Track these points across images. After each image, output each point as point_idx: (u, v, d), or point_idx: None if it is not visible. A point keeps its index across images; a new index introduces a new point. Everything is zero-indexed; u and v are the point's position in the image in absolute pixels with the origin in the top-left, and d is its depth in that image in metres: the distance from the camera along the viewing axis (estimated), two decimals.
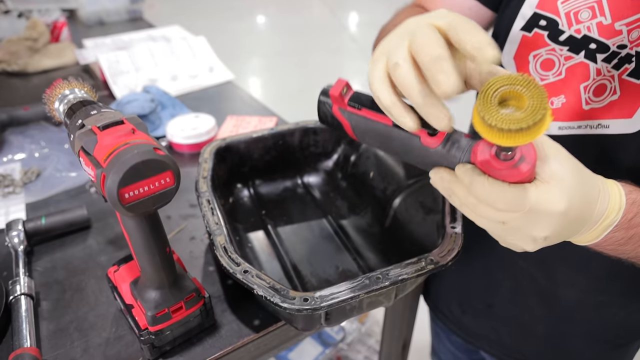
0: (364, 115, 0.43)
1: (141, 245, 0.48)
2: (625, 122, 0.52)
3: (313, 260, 0.71)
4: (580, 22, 0.53)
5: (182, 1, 6.86)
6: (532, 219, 0.35)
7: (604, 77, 0.52)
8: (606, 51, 0.51)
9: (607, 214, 0.40)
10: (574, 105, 0.55)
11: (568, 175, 0.36)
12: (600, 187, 0.40)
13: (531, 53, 0.58)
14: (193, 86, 1.29)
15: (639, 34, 0.49)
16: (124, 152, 0.40)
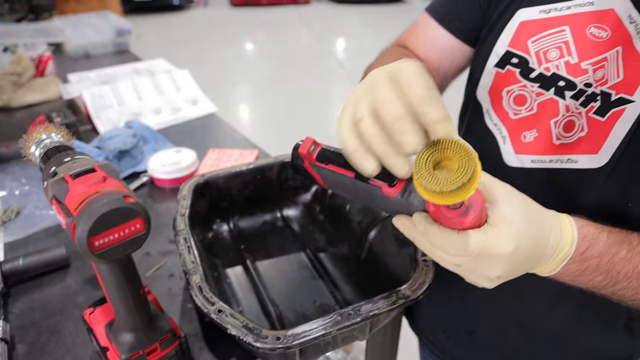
0: (332, 169, 0.46)
1: (114, 289, 0.49)
2: (592, 157, 0.54)
3: (291, 295, 0.71)
4: (549, 60, 0.56)
5: (169, 30, 6.97)
6: (483, 262, 0.37)
7: (573, 113, 0.55)
8: (574, 89, 0.54)
9: (560, 248, 0.42)
10: (546, 139, 0.58)
11: (517, 218, 0.38)
12: (552, 223, 0.42)
13: (505, 89, 0.61)
14: (176, 119, 1.31)
15: (603, 74, 0.52)
16: (94, 201, 0.41)
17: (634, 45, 0.49)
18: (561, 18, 0.55)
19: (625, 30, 0.50)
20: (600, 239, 0.45)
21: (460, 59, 0.71)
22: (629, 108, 0.50)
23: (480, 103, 0.66)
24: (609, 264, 0.45)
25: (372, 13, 8.44)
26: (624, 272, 0.45)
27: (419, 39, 0.73)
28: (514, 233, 0.37)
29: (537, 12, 0.57)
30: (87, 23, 2.06)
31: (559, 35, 0.55)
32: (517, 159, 0.61)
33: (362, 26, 7.54)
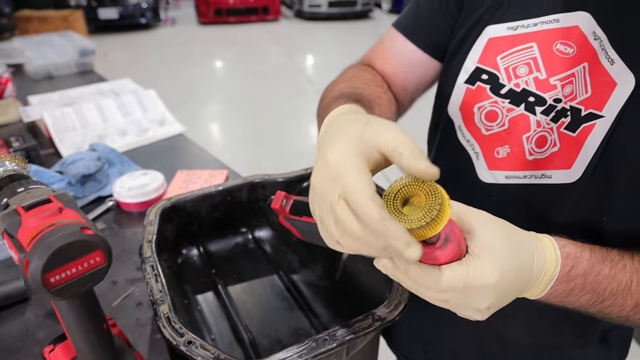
0: (306, 220, 0.45)
1: (74, 326, 0.46)
2: (566, 172, 0.54)
3: (265, 320, 0.69)
4: (519, 76, 0.57)
5: (137, 49, 6.89)
6: (470, 295, 0.37)
7: (544, 129, 0.55)
8: (544, 104, 0.55)
9: (545, 269, 0.42)
10: (519, 155, 0.58)
11: (497, 245, 0.37)
12: (534, 245, 0.42)
13: (476, 105, 0.61)
14: (143, 141, 1.28)
15: (571, 89, 0.53)
16: (49, 234, 0.39)
17: (600, 61, 0.50)
18: (528, 35, 0.56)
19: (591, 46, 0.51)
20: (583, 258, 0.45)
21: (428, 73, 0.71)
22: (599, 123, 0.50)
23: (452, 119, 0.65)
24: (594, 282, 0.45)
25: (340, 29, 8.56)
26: (609, 289, 0.46)
27: (385, 56, 0.72)
28: (496, 261, 0.37)
29: (505, 29, 0.58)
30: (49, 43, 2.00)
31: (527, 52, 0.56)
32: (491, 175, 0.61)
33: (330, 43, 7.63)
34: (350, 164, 0.36)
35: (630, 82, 0.48)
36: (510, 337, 0.70)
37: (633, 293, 0.46)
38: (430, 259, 0.37)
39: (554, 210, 0.57)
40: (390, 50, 0.72)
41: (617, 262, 0.46)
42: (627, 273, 0.46)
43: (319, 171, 0.39)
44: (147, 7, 8.03)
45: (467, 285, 0.36)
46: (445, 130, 0.68)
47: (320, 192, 0.39)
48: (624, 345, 0.72)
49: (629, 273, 0.46)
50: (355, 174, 0.35)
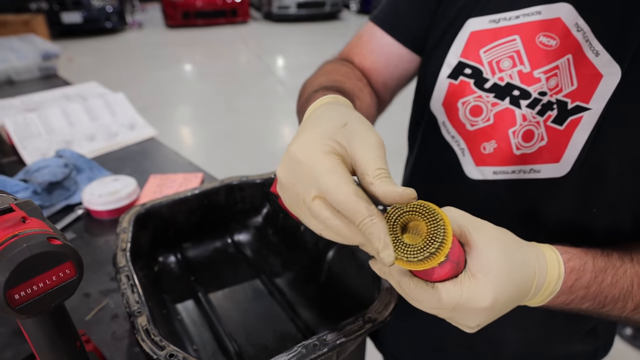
0: None
1: (44, 345, 0.42)
2: (554, 166, 0.53)
3: (249, 327, 0.66)
4: (503, 70, 0.55)
5: (103, 53, 6.71)
6: (460, 314, 0.36)
7: (530, 122, 0.54)
8: (528, 97, 0.54)
9: (546, 285, 0.41)
10: (506, 150, 0.57)
11: (496, 267, 0.36)
12: (536, 263, 0.40)
13: (460, 100, 0.59)
14: (113, 145, 1.23)
15: (556, 82, 0.52)
16: (11, 246, 0.35)
17: (584, 53, 0.49)
18: (511, 27, 0.55)
19: (574, 38, 0.50)
20: (586, 270, 0.44)
21: (409, 67, 0.69)
22: (586, 116, 0.49)
23: (435, 115, 0.64)
24: (596, 292, 0.45)
25: (309, 31, 8.56)
26: (611, 296, 0.45)
27: (363, 50, 0.70)
28: (492, 285, 0.35)
29: (487, 22, 0.56)
30: (9, 47, 1.91)
31: (510, 45, 0.54)
32: (478, 171, 0.60)
33: (299, 44, 7.62)
34: (324, 161, 0.35)
35: (617, 73, 0.47)
36: (499, 333, 0.69)
37: (634, 296, 0.45)
38: (425, 275, 0.35)
39: (545, 204, 0.56)
40: (368, 45, 0.70)
41: (619, 268, 0.46)
42: (627, 278, 0.46)
43: (286, 167, 0.37)
44: (112, 11, 7.85)
45: (458, 306, 0.36)
46: (428, 126, 0.66)
47: (289, 189, 0.37)
48: (610, 334, 0.73)
49: (629, 278, 0.46)
50: (332, 172, 0.34)
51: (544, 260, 0.41)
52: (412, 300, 0.38)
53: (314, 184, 0.34)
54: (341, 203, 0.33)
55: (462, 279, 0.36)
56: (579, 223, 0.53)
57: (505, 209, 0.58)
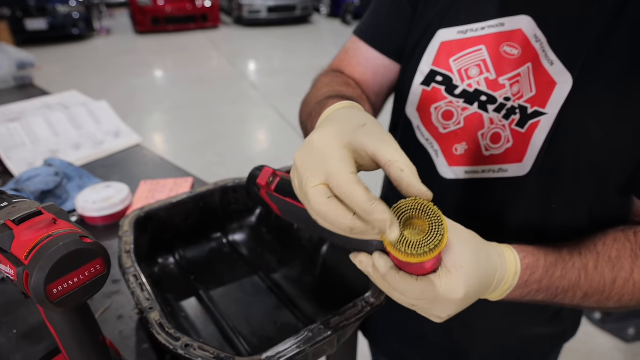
0: (290, 202, 0.46)
1: (71, 340, 0.45)
2: (518, 166, 0.59)
3: (251, 320, 0.70)
4: (471, 77, 0.60)
5: (71, 61, 6.59)
6: (436, 305, 0.41)
7: (497, 126, 0.59)
8: (495, 102, 0.59)
9: (505, 280, 0.47)
10: (476, 151, 0.62)
11: (467, 263, 0.41)
12: (498, 259, 0.46)
13: (432, 105, 0.64)
14: (99, 153, 1.24)
15: (518, 89, 0.57)
16: (48, 245, 0.38)
17: (541, 62, 0.54)
18: (477, 38, 0.60)
19: (533, 48, 0.55)
20: (539, 266, 0.49)
21: (394, 76, 0.73)
22: (543, 120, 0.55)
23: (410, 120, 0.68)
24: (548, 285, 0.50)
25: (281, 34, 8.60)
26: (561, 287, 0.51)
27: (351, 63, 0.74)
28: (464, 279, 0.40)
29: (456, 33, 0.61)
30: None
31: (477, 54, 0.59)
32: (451, 171, 0.64)
33: (271, 48, 7.64)
34: (338, 151, 0.38)
35: (569, 81, 0.52)
36: (472, 322, 0.74)
37: (581, 286, 0.51)
38: (411, 269, 0.39)
39: (511, 201, 0.61)
40: (355, 58, 0.74)
41: (567, 262, 0.51)
42: (575, 270, 0.51)
43: (303, 152, 0.41)
44: (79, 17, 7.69)
45: (437, 298, 0.40)
46: (405, 130, 0.70)
47: (300, 173, 0.40)
48: (576, 316, 0.79)
49: (577, 270, 0.51)
50: (340, 159, 0.38)
51: (503, 258, 0.47)
52: (395, 292, 0.42)
53: (322, 169, 0.37)
54: (342, 186, 0.36)
55: (440, 274, 0.40)
56: (541, 219, 0.59)
57: (477, 206, 0.63)
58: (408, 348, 0.85)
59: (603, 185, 0.56)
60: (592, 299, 0.52)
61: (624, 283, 0.51)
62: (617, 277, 0.51)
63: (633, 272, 0.51)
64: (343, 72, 0.74)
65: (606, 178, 0.55)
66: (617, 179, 0.55)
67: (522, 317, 0.72)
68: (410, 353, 0.85)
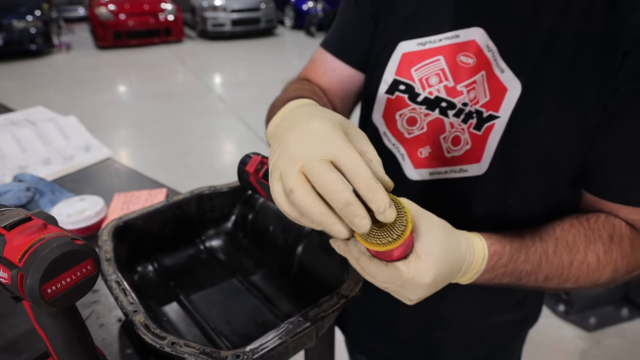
0: None
1: (61, 342, 0.47)
2: (477, 165, 0.64)
3: (232, 320, 0.73)
4: (431, 85, 0.65)
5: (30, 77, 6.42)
6: (406, 288, 0.45)
7: (457, 129, 0.64)
8: (454, 108, 0.64)
9: (473, 266, 0.51)
10: (438, 153, 0.67)
11: (437, 249, 0.45)
12: (466, 246, 0.50)
13: (397, 113, 0.69)
14: (70, 168, 1.24)
15: (474, 95, 0.62)
16: (41, 247, 0.40)
17: (493, 70, 0.60)
18: (436, 49, 0.65)
19: (486, 57, 0.61)
20: (505, 252, 0.54)
21: (359, 84, 0.78)
22: (497, 123, 0.60)
23: (377, 126, 0.73)
24: (513, 269, 0.55)
25: (245, 47, 8.63)
26: (525, 271, 0.56)
27: (317, 73, 0.79)
28: (433, 265, 0.44)
29: (416, 45, 0.66)
30: None
31: (436, 64, 0.65)
32: (417, 173, 0.69)
33: (237, 60, 7.66)
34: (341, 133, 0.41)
35: (518, 87, 0.58)
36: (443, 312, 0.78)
37: (542, 269, 0.56)
38: (381, 255, 0.43)
39: (472, 198, 0.66)
40: (321, 68, 0.78)
41: (530, 247, 0.56)
42: (537, 255, 0.56)
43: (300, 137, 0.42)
44: (36, 32, 7.50)
45: (405, 282, 0.44)
46: (372, 136, 0.74)
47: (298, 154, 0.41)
48: (537, 304, 0.85)
49: (539, 255, 0.56)
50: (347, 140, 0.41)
51: (472, 244, 0.51)
52: (367, 275, 0.46)
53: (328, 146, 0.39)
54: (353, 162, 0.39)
55: (410, 259, 0.44)
56: (499, 213, 0.64)
57: (441, 204, 0.68)
58: (382, 343, 0.89)
59: (554, 180, 0.62)
60: (553, 281, 0.57)
61: (579, 265, 0.56)
62: (573, 260, 0.56)
63: (587, 254, 0.56)
64: (310, 81, 0.78)
65: (556, 174, 0.61)
66: (566, 174, 0.61)
67: (489, 306, 0.77)
68: (383, 347, 0.89)
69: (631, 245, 0.58)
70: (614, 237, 0.58)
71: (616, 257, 0.57)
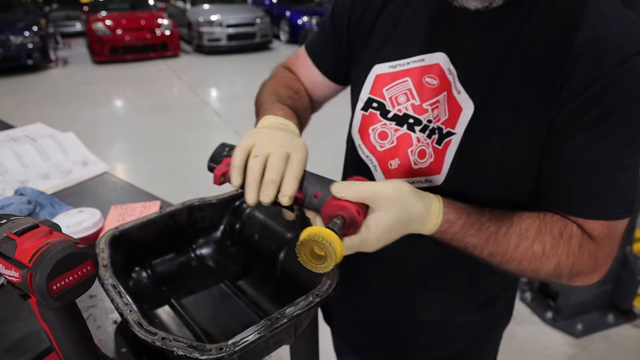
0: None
1: (64, 335, 0.53)
2: (438, 176, 0.71)
3: (219, 321, 0.79)
4: (400, 103, 0.73)
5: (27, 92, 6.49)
6: (362, 249, 0.58)
7: (422, 144, 0.71)
8: (420, 124, 0.71)
9: (423, 227, 0.61)
10: (406, 165, 0.74)
11: (383, 223, 0.57)
12: (423, 211, 0.59)
13: (370, 127, 0.77)
14: (68, 182, 1.30)
15: (437, 113, 0.69)
16: (48, 250, 0.47)
17: (452, 92, 0.67)
18: (404, 71, 0.72)
19: (447, 79, 0.68)
20: (457, 223, 0.62)
21: (327, 91, 0.90)
22: (454, 138, 0.67)
23: (354, 139, 0.81)
24: (460, 238, 0.62)
25: (241, 61, 8.74)
26: (471, 243, 0.63)
27: (299, 70, 0.91)
28: (379, 234, 0.56)
29: (387, 67, 0.74)
30: None
31: (404, 84, 0.72)
32: None
33: (232, 74, 7.76)
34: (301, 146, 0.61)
35: (471, 107, 0.65)
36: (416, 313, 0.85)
37: (489, 246, 0.63)
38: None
39: None
40: (302, 68, 0.91)
41: (483, 224, 0.63)
42: (488, 233, 0.63)
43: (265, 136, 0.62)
44: (33, 48, 7.59)
45: (360, 247, 0.56)
46: (350, 148, 0.84)
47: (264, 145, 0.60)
48: (508, 306, 0.91)
49: (489, 233, 0.63)
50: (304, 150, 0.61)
51: (429, 209, 0.60)
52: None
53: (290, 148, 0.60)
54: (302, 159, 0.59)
55: (361, 231, 0.56)
56: None
57: None
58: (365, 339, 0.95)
59: (510, 191, 0.69)
60: (496, 259, 0.64)
61: (524, 251, 0.63)
62: (519, 244, 0.63)
63: (534, 243, 0.63)
64: (294, 73, 0.92)
65: (512, 185, 0.68)
66: (522, 186, 0.68)
67: (454, 308, 0.84)
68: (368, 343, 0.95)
69: (579, 246, 0.63)
70: (563, 235, 0.63)
71: (561, 253, 0.63)
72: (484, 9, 0.61)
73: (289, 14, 10.56)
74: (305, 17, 9.94)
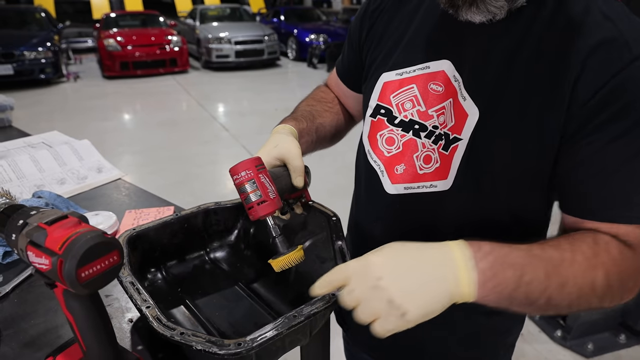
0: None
1: (87, 324, 0.54)
2: (444, 182, 0.72)
3: (234, 322, 0.79)
4: (406, 110, 0.75)
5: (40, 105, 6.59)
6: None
7: (428, 149, 0.73)
8: (425, 130, 0.73)
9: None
10: (411, 171, 0.75)
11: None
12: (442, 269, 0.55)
13: (378, 133, 0.79)
14: (83, 187, 1.32)
15: (443, 119, 0.71)
16: (78, 238, 0.48)
17: (458, 98, 0.68)
18: (410, 78, 0.74)
19: (453, 86, 0.69)
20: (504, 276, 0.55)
21: (357, 101, 0.93)
22: (460, 144, 0.68)
23: (364, 145, 0.83)
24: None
25: (249, 78, 8.84)
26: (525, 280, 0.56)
27: (333, 87, 1.01)
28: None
29: (394, 75, 0.76)
30: None
31: (410, 91, 0.74)
32: (394, 187, 0.78)
33: (240, 90, 7.85)
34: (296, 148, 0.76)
35: (476, 113, 0.66)
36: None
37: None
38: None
39: (443, 210, 0.74)
40: (335, 86, 0.99)
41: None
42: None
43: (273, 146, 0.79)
44: (46, 62, 7.74)
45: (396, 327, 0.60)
46: (362, 154, 0.85)
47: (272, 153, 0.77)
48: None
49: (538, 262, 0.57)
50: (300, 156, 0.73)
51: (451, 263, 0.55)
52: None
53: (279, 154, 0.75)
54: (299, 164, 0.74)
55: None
56: (469, 224, 0.72)
57: (415, 215, 0.76)
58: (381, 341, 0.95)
59: (519, 195, 0.69)
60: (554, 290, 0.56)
61: (570, 264, 0.57)
62: (563, 258, 0.57)
63: (574, 254, 0.57)
64: (329, 87, 1.01)
65: (520, 189, 0.68)
66: (531, 190, 0.69)
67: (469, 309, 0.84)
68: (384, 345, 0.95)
69: (620, 252, 0.59)
70: (599, 242, 0.59)
71: (605, 260, 0.57)
72: (488, 22, 0.63)
73: (296, 31, 10.73)
74: (312, 34, 10.07)
